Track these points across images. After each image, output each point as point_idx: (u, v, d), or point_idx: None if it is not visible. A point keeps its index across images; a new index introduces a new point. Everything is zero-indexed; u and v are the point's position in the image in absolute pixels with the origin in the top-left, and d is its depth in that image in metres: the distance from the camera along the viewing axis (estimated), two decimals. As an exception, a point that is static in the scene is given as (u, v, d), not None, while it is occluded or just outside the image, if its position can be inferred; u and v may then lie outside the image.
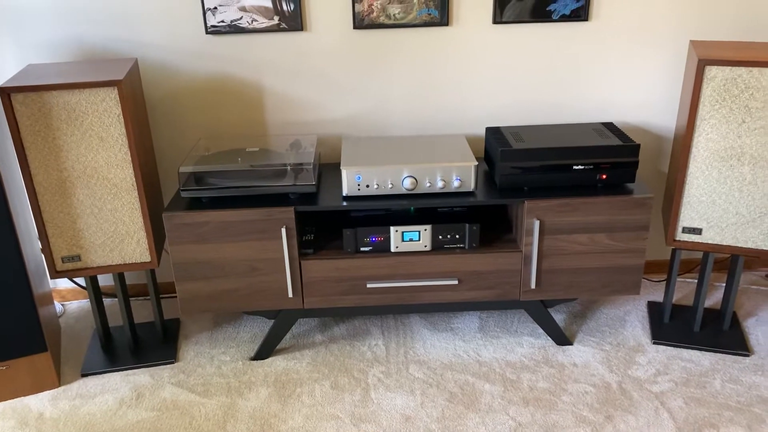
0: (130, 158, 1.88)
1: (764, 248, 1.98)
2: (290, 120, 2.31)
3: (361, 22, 2.16)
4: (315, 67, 2.24)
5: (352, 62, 2.23)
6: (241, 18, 2.14)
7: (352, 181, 1.98)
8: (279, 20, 2.15)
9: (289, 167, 1.98)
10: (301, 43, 2.20)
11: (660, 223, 2.54)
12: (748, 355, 2.12)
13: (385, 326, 2.33)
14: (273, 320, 2.17)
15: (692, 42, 2.07)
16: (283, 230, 1.95)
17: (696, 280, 2.57)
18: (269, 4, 2.11)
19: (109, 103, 1.82)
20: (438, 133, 2.35)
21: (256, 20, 2.15)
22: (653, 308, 2.38)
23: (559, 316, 2.37)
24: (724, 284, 2.44)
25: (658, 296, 2.47)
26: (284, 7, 2.11)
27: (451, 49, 2.23)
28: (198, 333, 2.33)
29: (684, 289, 2.53)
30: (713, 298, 2.46)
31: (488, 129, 2.18)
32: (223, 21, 2.14)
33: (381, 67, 2.24)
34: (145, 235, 1.99)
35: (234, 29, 2.16)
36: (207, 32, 2.16)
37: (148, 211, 1.96)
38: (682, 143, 1.95)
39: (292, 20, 2.15)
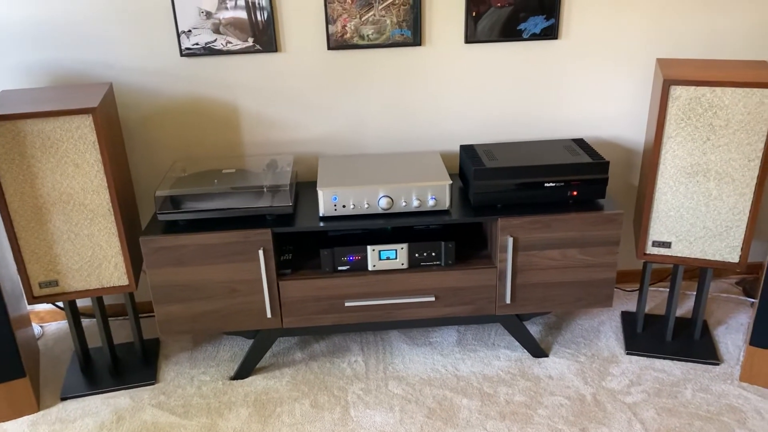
0: (105, 184, 1.89)
1: (731, 260, 2.04)
2: (267, 140, 2.33)
3: (335, 43, 2.19)
4: (290, 88, 2.26)
5: (327, 82, 2.26)
6: (215, 40, 2.16)
7: (328, 201, 2.01)
8: (254, 42, 2.17)
9: (265, 189, 2.00)
10: (277, 64, 2.22)
11: (632, 233, 2.60)
12: (717, 364, 2.18)
13: (365, 342, 2.36)
14: (252, 340, 2.19)
15: (659, 60, 2.12)
16: (261, 252, 1.97)
17: (668, 289, 2.63)
18: (244, 16, 2.12)
19: (83, 130, 1.82)
20: (413, 150, 2.38)
21: (230, 42, 2.16)
22: (627, 318, 2.43)
23: (535, 328, 2.41)
24: (695, 292, 2.49)
25: (632, 306, 2.53)
26: (258, 17, 2.12)
27: (425, 68, 2.26)
28: (178, 353, 2.34)
29: (657, 298, 2.58)
30: (685, 307, 2.52)
31: (462, 147, 2.21)
32: (197, 43, 2.16)
33: (356, 86, 2.27)
34: (123, 259, 1.99)
35: (209, 51, 2.17)
36: (182, 55, 2.17)
37: (125, 235, 1.97)
38: (650, 160, 2.00)
39: (267, 41, 2.17)
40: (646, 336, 2.31)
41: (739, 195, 1.95)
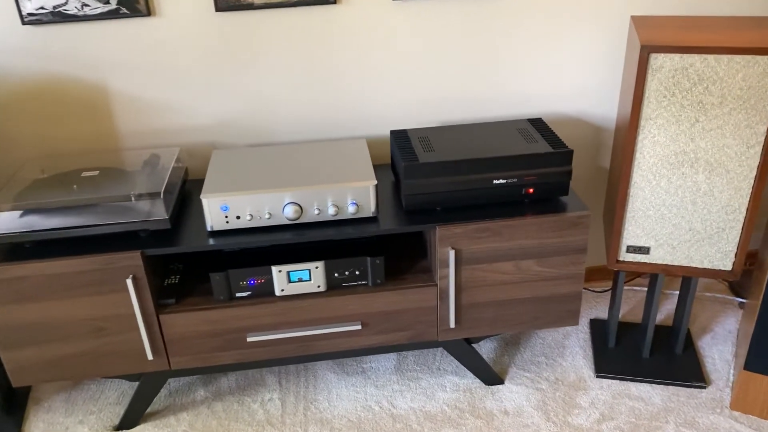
0: None
1: (722, 268, 1.66)
2: (150, 129, 1.85)
3: (224, 3, 1.70)
4: (173, 62, 1.77)
5: (219, 54, 1.78)
6: (66, 3, 1.66)
7: (216, 212, 1.56)
8: (117, 3, 1.67)
9: (133, 197, 1.54)
10: (151, 33, 1.73)
11: (603, 227, 2.20)
12: (704, 387, 1.82)
13: (284, 373, 1.94)
14: (138, 382, 1.76)
15: (633, 18, 1.69)
16: (129, 281, 1.52)
17: (646, 288, 2.26)
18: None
19: None
20: (335, 136, 1.93)
21: (87, 5, 1.66)
22: (596, 328, 2.05)
23: (489, 345, 2.02)
24: (677, 292, 2.13)
25: (603, 311, 2.15)
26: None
27: (343, 32, 1.79)
28: (52, 395, 1.90)
29: (632, 299, 2.21)
30: (665, 310, 2.15)
31: (393, 133, 1.77)
32: (43, 8, 1.65)
33: (258, 58, 1.80)
34: (-51, 295, 1.53)
35: (60, 17, 1.67)
36: (24, 23, 1.66)
37: (-51, 266, 1.50)
38: (624, 148, 1.58)
39: (134, 3, 1.67)
40: (619, 352, 1.94)
41: (735, 190, 1.55)
